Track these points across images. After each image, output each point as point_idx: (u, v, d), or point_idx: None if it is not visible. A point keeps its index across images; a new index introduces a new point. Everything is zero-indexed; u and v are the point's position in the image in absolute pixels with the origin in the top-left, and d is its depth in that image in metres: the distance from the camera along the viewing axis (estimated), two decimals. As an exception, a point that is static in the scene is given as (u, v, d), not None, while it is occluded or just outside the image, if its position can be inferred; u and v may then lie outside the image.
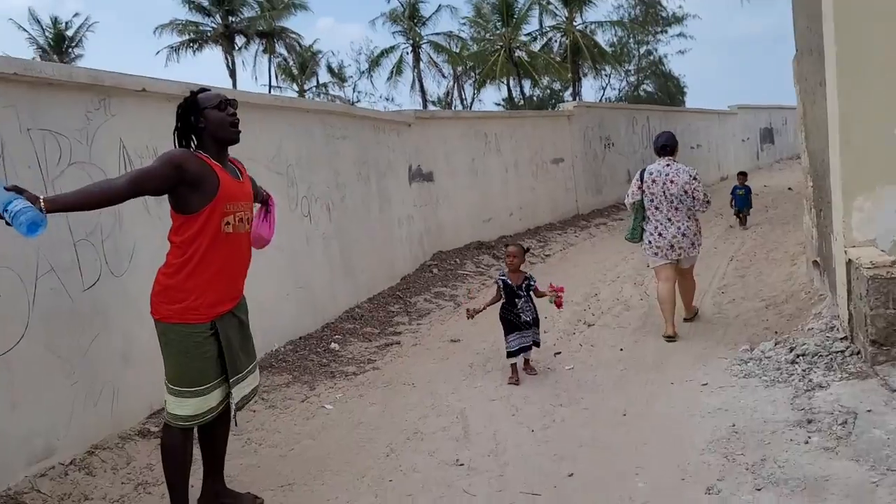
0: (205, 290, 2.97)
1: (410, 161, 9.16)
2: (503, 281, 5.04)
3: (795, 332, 5.39)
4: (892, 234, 4.45)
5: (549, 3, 34.34)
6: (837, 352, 4.55)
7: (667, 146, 5.80)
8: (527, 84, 35.87)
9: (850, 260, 4.48)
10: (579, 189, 14.25)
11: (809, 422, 3.70)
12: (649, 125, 17.40)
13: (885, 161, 4.40)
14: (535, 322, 5.12)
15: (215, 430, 3.26)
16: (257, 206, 3.48)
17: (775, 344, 5.09)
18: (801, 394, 4.10)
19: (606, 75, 38.83)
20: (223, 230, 3.00)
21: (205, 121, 3.02)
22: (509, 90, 35.11)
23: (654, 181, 5.71)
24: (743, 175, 12.13)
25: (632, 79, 40.06)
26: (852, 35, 4.37)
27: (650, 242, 5.79)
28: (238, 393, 3.16)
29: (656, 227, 5.74)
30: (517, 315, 5.00)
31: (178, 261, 2.96)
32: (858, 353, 4.41)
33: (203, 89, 3.15)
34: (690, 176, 5.69)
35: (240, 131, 3.11)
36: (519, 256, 5.03)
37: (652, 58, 39.37)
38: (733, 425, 3.84)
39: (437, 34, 38.59)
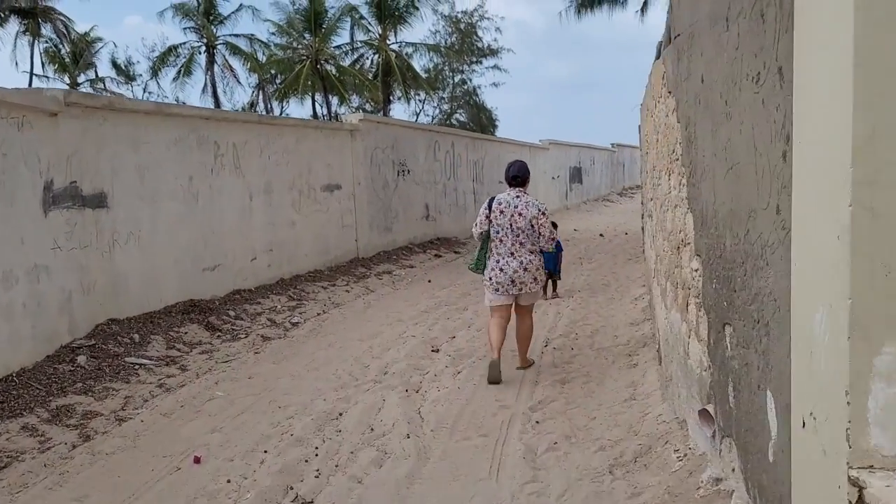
0: None
1: (51, 174, 5.52)
2: None
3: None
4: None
5: (361, 17, 32.49)
6: None
7: (518, 177, 5.47)
8: (335, 101, 33.26)
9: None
10: (361, 226, 11.17)
11: None
12: (454, 151, 14.79)
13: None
14: None
15: None
16: None
17: None
18: None
19: (420, 100, 37.34)
20: None
21: None
22: (314, 105, 32.26)
23: (501, 212, 5.37)
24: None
25: (445, 107, 38.85)
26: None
27: (491, 278, 5.41)
28: None
29: (498, 262, 5.39)
30: None
31: None
32: None
33: None
34: (539, 210, 5.39)
35: None
36: None
37: (466, 87, 38.54)
38: None
39: (237, 36, 35.06)
